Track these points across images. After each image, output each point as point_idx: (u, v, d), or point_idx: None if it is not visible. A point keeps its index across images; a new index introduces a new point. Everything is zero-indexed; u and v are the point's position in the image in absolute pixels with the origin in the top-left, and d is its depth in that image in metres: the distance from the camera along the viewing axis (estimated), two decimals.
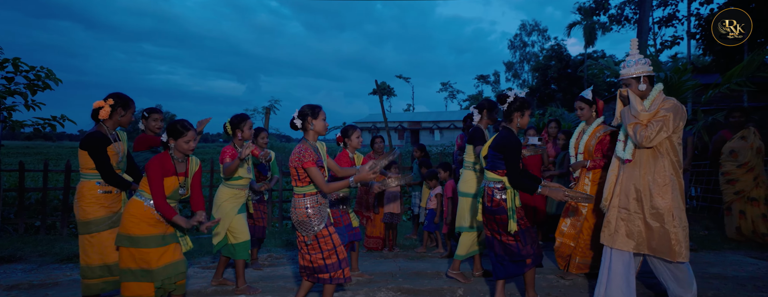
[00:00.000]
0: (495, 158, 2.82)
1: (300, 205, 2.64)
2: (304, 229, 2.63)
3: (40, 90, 5.18)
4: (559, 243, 3.54)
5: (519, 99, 2.85)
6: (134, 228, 2.59)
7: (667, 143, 2.68)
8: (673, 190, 2.66)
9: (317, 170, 2.57)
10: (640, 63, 2.79)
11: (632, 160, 2.78)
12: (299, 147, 2.63)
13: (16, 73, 5.09)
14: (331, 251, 2.65)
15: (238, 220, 3.41)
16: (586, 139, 3.40)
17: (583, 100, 3.47)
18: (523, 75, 50.12)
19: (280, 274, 4.02)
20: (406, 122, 43.56)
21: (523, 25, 47.49)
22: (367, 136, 45.14)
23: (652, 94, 2.78)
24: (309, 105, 2.75)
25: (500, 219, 2.80)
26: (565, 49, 34.41)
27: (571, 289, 3.44)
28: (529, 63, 48.60)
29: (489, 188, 2.86)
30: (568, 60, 33.54)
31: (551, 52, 34.53)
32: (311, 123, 2.71)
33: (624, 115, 2.79)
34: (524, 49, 49.12)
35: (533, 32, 48.46)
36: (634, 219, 2.73)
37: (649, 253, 2.70)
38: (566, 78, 31.40)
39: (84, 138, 2.89)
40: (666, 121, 2.61)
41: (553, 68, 33.15)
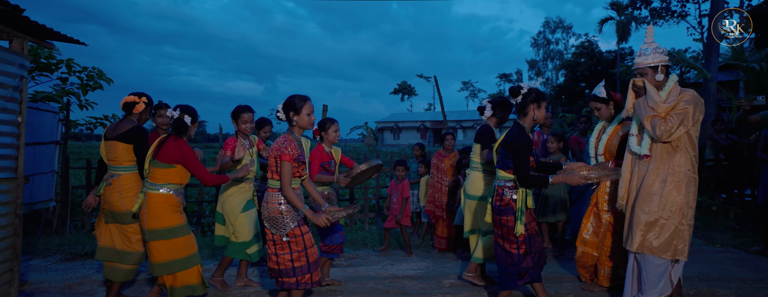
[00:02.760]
0: (506, 157, 2.65)
1: (273, 200, 2.47)
2: (275, 226, 2.46)
3: (91, 90, 5.27)
4: (581, 253, 3.19)
5: (534, 90, 2.65)
6: (172, 219, 2.65)
7: (685, 138, 2.51)
8: (687, 186, 2.49)
9: (290, 167, 2.42)
10: (657, 51, 2.61)
11: (650, 155, 2.58)
12: (284, 137, 2.49)
13: (70, 73, 5.19)
14: (302, 253, 2.48)
15: (241, 219, 3.27)
16: (607, 139, 3.10)
17: (597, 99, 3.14)
18: (546, 73, 48.99)
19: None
20: (429, 122, 43.04)
21: (547, 23, 46.42)
22: (389, 135, 44.93)
23: (668, 85, 2.59)
24: (296, 96, 2.56)
25: (507, 220, 2.62)
26: (597, 46, 33.37)
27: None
28: (553, 61, 47.40)
29: (499, 187, 2.70)
30: (599, 57, 32.49)
31: (581, 49, 33.51)
32: (294, 116, 2.53)
33: (639, 107, 2.59)
34: (548, 47, 48.01)
35: (557, 29, 47.29)
36: (641, 216, 2.55)
37: (648, 252, 2.51)
38: (597, 75, 30.41)
39: (129, 130, 2.92)
40: (687, 114, 2.44)
41: (582, 65, 32.16)
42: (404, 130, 44.46)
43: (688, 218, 2.49)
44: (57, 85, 5.53)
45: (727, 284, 3.22)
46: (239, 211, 3.27)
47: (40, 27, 2.60)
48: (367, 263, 4.26)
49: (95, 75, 5.40)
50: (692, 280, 3.33)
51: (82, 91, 5.37)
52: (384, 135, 45.16)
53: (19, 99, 2.69)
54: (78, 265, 4.13)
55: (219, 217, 3.41)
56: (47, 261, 4.25)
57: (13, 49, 2.69)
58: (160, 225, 2.62)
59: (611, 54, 32.61)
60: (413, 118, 46.29)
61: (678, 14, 18.10)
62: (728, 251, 4.25)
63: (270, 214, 2.46)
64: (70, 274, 3.82)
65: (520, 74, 54.40)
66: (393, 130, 45.21)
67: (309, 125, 2.57)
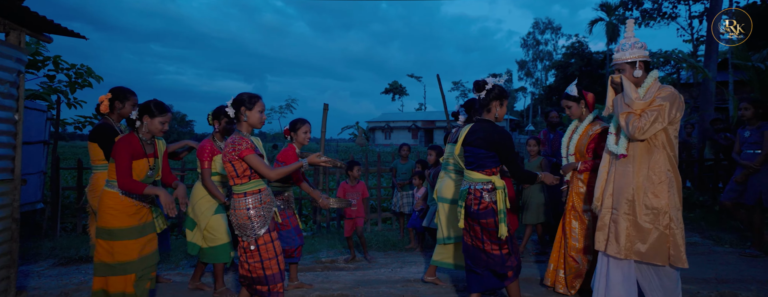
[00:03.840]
0: (482, 157, 2.52)
1: (240, 206, 2.36)
2: (244, 232, 2.36)
3: (79, 88, 5.06)
4: (584, 261, 3.04)
5: (497, 87, 2.59)
6: (114, 220, 2.48)
7: (662, 136, 2.42)
8: (669, 187, 2.40)
9: (257, 157, 2.32)
10: (635, 47, 2.51)
11: (627, 154, 2.50)
12: (232, 138, 2.36)
13: (57, 70, 4.98)
14: (273, 260, 2.40)
15: (215, 221, 3.14)
16: (578, 139, 3.04)
17: (569, 97, 3.07)
18: (536, 73, 49.35)
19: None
20: (420, 122, 43.04)
21: (537, 23, 46.84)
22: (380, 135, 44.80)
23: (647, 82, 2.51)
24: (246, 93, 2.45)
25: (486, 224, 2.51)
26: (587, 47, 33.73)
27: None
28: (543, 61, 47.77)
29: (476, 190, 2.54)
30: (589, 58, 32.84)
31: (572, 50, 33.83)
32: (245, 114, 2.41)
33: (616, 104, 2.51)
34: (537, 48, 48.41)
35: (547, 30, 47.71)
36: (622, 221, 2.45)
37: (637, 258, 2.42)
38: (588, 76, 30.73)
39: (92, 129, 3.00)
40: (661, 111, 2.35)
41: (573, 66, 32.46)
42: (395, 130, 44.40)
43: (675, 221, 2.39)
44: (44, 83, 5.33)
45: (746, 286, 3.19)
46: (211, 213, 3.14)
47: (40, 19, 2.44)
48: (374, 266, 4.15)
49: (84, 72, 5.21)
50: (710, 281, 3.30)
51: (70, 89, 5.18)
52: (375, 135, 45.05)
53: (15, 95, 2.53)
54: (73, 269, 3.95)
55: (189, 222, 3.23)
56: (39, 266, 4.05)
57: (9, 42, 2.52)
58: (101, 223, 2.50)
59: (601, 55, 32.97)
60: (404, 117, 46.25)
61: (668, 15, 18.36)
62: (739, 251, 4.24)
63: (239, 220, 2.36)
64: (65, 279, 3.63)
65: (511, 74, 54.73)
66: (384, 130, 45.12)
67: (259, 124, 2.47)
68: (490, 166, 2.52)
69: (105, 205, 2.50)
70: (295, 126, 3.33)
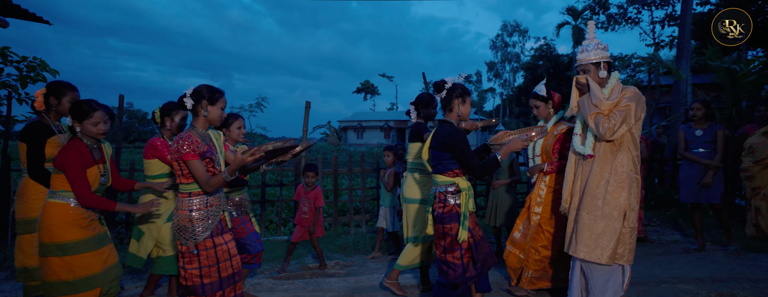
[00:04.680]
0: (442, 159, 2.47)
1: (183, 207, 2.21)
2: (183, 236, 2.19)
3: (32, 82, 4.57)
4: (508, 253, 3.14)
5: (458, 85, 2.54)
6: (65, 234, 2.28)
7: (628, 136, 2.44)
8: (630, 187, 2.42)
9: (200, 163, 2.16)
10: (599, 48, 2.54)
11: (593, 155, 2.51)
12: (181, 135, 2.20)
13: (5, 63, 4.49)
14: (213, 267, 2.22)
15: (166, 230, 2.94)
16: (543, 139, 3.04)
17: (537, 97, 3.08)
18: (504, 75, 50.38)
19: None
20: (393, 121, 43.02)
21: (505, 26, 47.81)
22: (352, 134, 44.46)
23: (610, 82, 2.53)
24: (209, 86, 2.29)
25: (449, 229, 2.43)
26: (554, 49, 34.75)
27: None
28: (511, 63, 48.87)
29: (440, 193, 2.48)
30: (556, 60, 33.84)
31: (540, 52, 34.76)
32: (205, 108, 2.25)
33: (583, 105, 2.51)
34: (506, 50, 49.41)
35: (514, 33, 48.82)
36: (582, 219, 2.46)
37: (587, 258, 2.41)
38: (555, 78, 31.67)
39: (23, 128, 2.73)
40: (628, 112, 2.37)
41: (542, 68, 33.37)
42: (368, 130, 44.19)
43: (630, 221, 2.41)
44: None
45: (740, 285, 3.22)
46: (163, 221, 2.92)
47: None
48: (365, 271, 3.97)
49: (37, 66, 4.71)
50: (706, 281, 3.32)
51: (21, 83, 4.68)
52: (347, 134, 44.70)
53: None
54: None
55: (136, 231, 2.97)
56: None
57: None
58: (50, 239, 2.28)
59: (568, 57, 34.05)
60: (377, 117, 46.09)
61: (632, 20, 19.10)
62: (723, 249, 4.33)
63: (179, 222, 2.20)
64: (20, 293, 3.25)
65: (480, 75, 55.71)
66: (356, 129, 44.81)
67: (218, 120, 2.32)
68: (451, 167, 2.46)
69: (51, 218, 2.27)
70: (227, 121, 3.05)
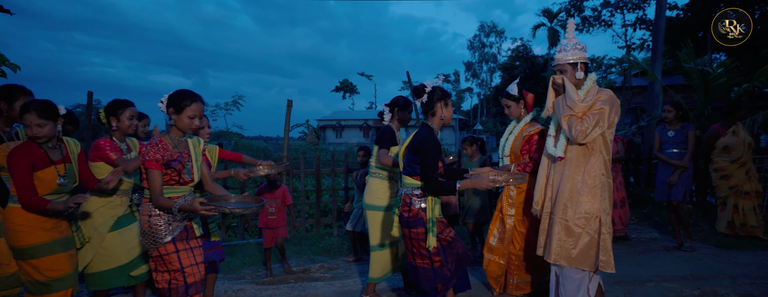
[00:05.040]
0: (414, 161, 2.40)
1: (144, 211, 2.18)
2: (147, 241, 2.17)
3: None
4: (488, 261, 3.03)
5: (438, 88, 2.45)
6: (29, 237, 2.24)
7: (600, 140, 2.40)
8: (602, 191, 2.39)
9: (159, 175, 2.08)
10: (577, 48, 2.47)
11: (564, 157, 2.47)
12: (153, 140, 2.14)
13: None
14: (177, 272, 2.18)
15: (111, 239, 2.65)
16: (513, 140, 2.99)
17: (509, 96, 3.03)
18: (482, 75, 51.03)
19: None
20: (372, 120, 42.92)
21: (482, 27, 48.38)
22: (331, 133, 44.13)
23: (586, 84, 2.49)
24: (184, 92, 2.17)
25: (417, 233, 2.36)
26: (531, 50, 35.43)
27: None
28: (488, 63, 49.59)
29: (406, 195, 2.42)
30: (533, 61, 34.50)
31: (517, 53, 35.36)
32: (172, 118, 2.18)
33: (558, 106, 2.47)
34: (483, 50, 50.05)
35: (491, 34, 49.53)
36: (556, 225, 2.42)
37: (567, 263, 2.38)
38: (531, 78, 32.29)
39: None
40: (602, 115, 2.33)
41: (518, 68, 33.95)
42: (347, 129, 43.96)
43: (606, 225, 2.38)
44: None
45: (720, 282, 3.29)
46: (107, 229, 2.65)
47: None
48: (352, 274, 3.87)
49: None
50: (688, 279, 3.38)
51: None
52: (326, 133, 44.37)
53: None
54: None
55: (80, 237, 2.69)
56: None
57: None
58: (16, 243, 2.25)
59: (543, 58, 34.79)
60: (356, 116, 45.91)
61: (605, 23, 19.63)
62: (699, 246, 4.44)
63: (142, 226, 2.17)
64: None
65: (458, 75, 56.20)
66: (335, 128, 44.52)
67: (189, 129, 2.19)
68: (420, 171, 2.38)
69: (13, 222, 2.23)
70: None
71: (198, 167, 2.28)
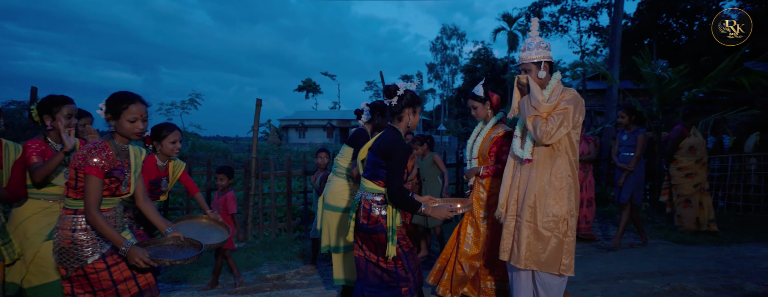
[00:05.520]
0: (378, 165, 2.29)
1: (65, 226, 1.89)
2: (66, 260, 1.87)
3: None
4: (469, 266, 2.92)
5: (409, 92, 2.35)
6: None
7: (566, 140, 2.38)
8: (569, 193, 2.37)
9: (99, 184, 1.86)
10: (541, 47, 2.44)
11: (532, 159, 2.44)
12: (96, 144, 1.91)
13: None
14: (110, 291, 1.91)
15: (48, 249, 2.32)
16: (481, 142, 2.96)
17: (475, 97, 2.98)
18: (444, 76, 51.88)
19: None
20: (336, 120, 42.57)
21: (444, 29, 49.17)
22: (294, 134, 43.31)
23: (551, 84, 2.45)
24: (121, 94, 1.97)
25: (378, 239, 2.27)
26: (492, 53, 36.42)
27: None
28: (450, 65, 50.51)
29: (366, 201, 2.31)
30: (493, 63, 35.48)
31: (479, 56, 36.22)
32: (111, 124, 1.97)
33: (523, 107, 2.43)
34: (445, 52, 50.91)
35: (453, 36, 50.45)
36: (524, 229, 2.38)
37: (537, 268, 2.35)
38: (492, 80, 33.21)
39: None
40: (567, 115, 2.30)
41: (480, 71, 34.79)
42: (310, 129, 43.36)
43: (572, 228, 2.36)
44: None
45: (686, 277, 3.46)
46: (42, 239, 2.36)
47: None
48: (331, 279, 3.75)
49: None
50: (656, 275, 3.53)
51: None
52: (289, 133, 43.53)
53: None
54: None
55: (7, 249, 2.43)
56: None
57: None
58: None
59: (503, 61, 35.86)
60: (319, 116, 45.38)
61: (562, 28, 20.51)
62: (660, 243, 4.67)
63: (60, 243, 1.88)
64: None
65: (421, 76, 56.86)
66: (298, 129, 43.79)
67: (133, 134, 1.99)
68: (383, 176, 2.28)
69: None
70: (160, 133, 2.70)
71: (135, 179, 2.08)
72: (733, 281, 3.33)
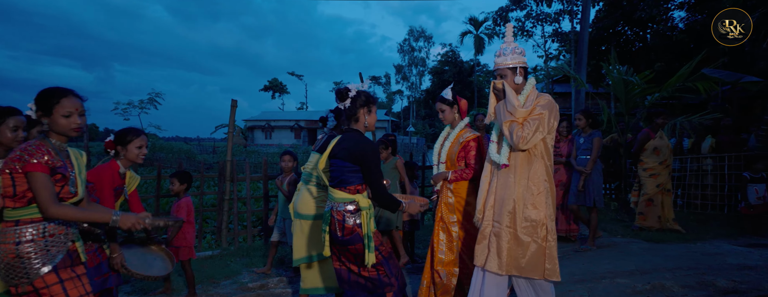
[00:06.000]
0: (345, 171, 2.20)
1: (8, 240, 1.72)
2: (13, 276, 1.71)
3: None
4: (446, 273, 2.85)
5: (363, 93, 2.30)
6: None
7: (541, 145, 2.40)
8: (547, 198, 2.39)
9: (47, 179, 1.72)
10: (516, 52, 2.46)
11: (509, 164, 2.45)
12: (29, 143, 1.78)
13: None
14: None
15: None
16: (449, 146, 2.94)
17: (443, 100, 2.96)
18: (411, 78, 52.42)
19: None
20: (304, 121, 41.96)
21: (412, 31, 49.69)
22: (260, 134, 42.28)
23: (526, 89, 2.47)
24: (53, 90, 1.84)
25: (355, 250, 2.18)
26: (459, 56, 37.11)
27: None
28: (417, 67, 51.10)
29: (337, 212, 2.18)
30: (461, 66, 36.14)
31: (446, 58, 36.79)
32: (44, 121, 1.84)
33: (499, 112, 2.45)
34: (412, 54, 51.45)
35: (420, 38, 51.08)
36: (504, 234, 2.38)
37: (518, 273, 2.37)
38: (459, 83, 33.84)
39: None
40: (542, 120, 2.32)
41: (448, 73, 35.35)
42: (277, 130, 42.53)
43: (551, 232, 2.37)
44: None
45: (662, 274, 3.60)
46: None
47: None
48: None
49: None
50: (635, 274, 3.65)
51: None
52: (255, 134, 42.50)
53: None
54: None
55: None
56: None
57: None
58: None
59: (470, 63, 36.63)
60: (286, 117, 44.59)
61: (528, 33, 21.18)
62: (633, 242, 4.86)
63: (4, 259, 1.72)
64: None
65: (389, 77, 57.12)
66: (265, 129, 42.84)
67: (70, 131, 1.85)
68: (353, 182, 2.19)
69: None
70: (124, 138, 2.49)
71: (82, 181, 1.92)
72: (705, 278, 3.49)
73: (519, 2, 19.95)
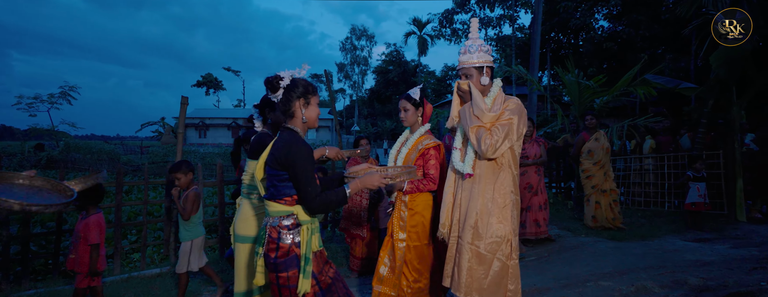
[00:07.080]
0: (277, 179, 1.82)
1: None
2: None
3: None
4: (377, 293, 2.56)
5: (300, 81, 1.89)
6: None
7: (509, 154, 2.22)
8: (512, 211, 2.21)
9: None
10: (482, 50, 2.27)
11: (473, 174, 2.25)
12: None
13: None
14: None
15: None
16: (406, 152, 2.63)
17: (410, 99, 2.66)
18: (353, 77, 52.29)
19: None
20: (241, 119, 39.98)
21: (354, 30, 49.53)
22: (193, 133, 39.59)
23: (493, 91, 2.30)
24: None
25: (287, 279, 1.76)
26: (403, 56, 37.47)
27: None
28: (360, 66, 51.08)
29: (273, 228, 1.82)
30: (405, 66, 36.52)
31: (391, 57, 36.98)
32: None
33: (464, 116, 2.25)
34: (355, 53, 51.32)
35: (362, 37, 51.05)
36: (465, 252, 2.17)
37: (478, 295, 2.14)
38: (404, 82, 34.18)
39: None
40: (511, 127, 2.15)
41: (393, 72, 35.56)
42: (212, 128, 40.18)
43: (516, 250, 2.21)
44: None
45: (639, 275, 3.68)
46: None
47: None
48: None
49: None
50: (614, 275, 3.70)
51: None
52: (187, 133, 39.76)
53: None
54: None
55: None
56: None
57: None
58: None
59: (414, 63, 37.16)
60: (223, 114, 42.27)
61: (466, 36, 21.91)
62: (598, 241, 5.00)
63: None
64: None
65: (331, 75, 56.42)
66: (198, 128, 40.27)
67: None
68: (288, 192, 1.82)
69: None
70: None
71: None
72: (676, 276, 3.62)
73: (463, 6, 20.46)
